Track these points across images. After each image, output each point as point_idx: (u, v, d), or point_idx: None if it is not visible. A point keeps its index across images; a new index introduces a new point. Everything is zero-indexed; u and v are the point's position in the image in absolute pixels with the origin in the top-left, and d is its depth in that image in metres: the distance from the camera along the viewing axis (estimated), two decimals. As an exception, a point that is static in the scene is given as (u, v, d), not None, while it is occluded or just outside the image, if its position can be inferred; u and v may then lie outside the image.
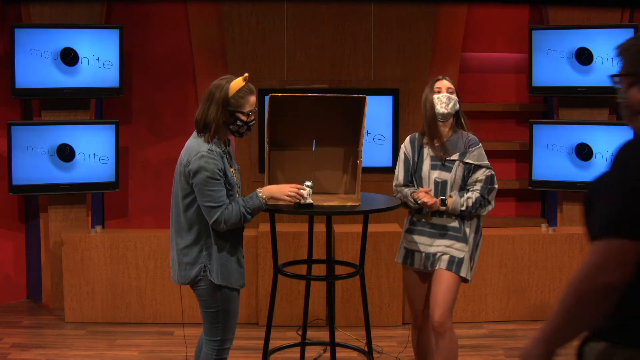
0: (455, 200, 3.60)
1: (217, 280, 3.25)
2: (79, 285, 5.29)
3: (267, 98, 5.57)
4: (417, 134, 3.78)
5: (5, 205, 5.69)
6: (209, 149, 3.20)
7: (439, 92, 3.67)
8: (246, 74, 3.29)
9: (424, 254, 3.68)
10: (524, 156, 5.93)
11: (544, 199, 6.13)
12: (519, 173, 6.11)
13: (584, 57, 5.54)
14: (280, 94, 3.65)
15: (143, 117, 5.92)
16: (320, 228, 4.35)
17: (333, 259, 3.90)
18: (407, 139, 3.79)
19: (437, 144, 3.68)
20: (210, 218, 3.21)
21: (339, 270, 4.04)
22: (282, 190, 3.39)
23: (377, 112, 4.25)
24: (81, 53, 5.42)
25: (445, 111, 3.65)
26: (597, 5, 5.63)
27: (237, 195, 3.35)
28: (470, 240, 3.66)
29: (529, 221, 5.96)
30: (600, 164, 5.58)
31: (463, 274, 3.62)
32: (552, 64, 5.62)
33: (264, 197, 3.32)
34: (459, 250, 3.63)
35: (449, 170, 3.65)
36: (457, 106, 3.70)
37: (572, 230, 5.46)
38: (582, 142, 5.59)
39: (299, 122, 3.78)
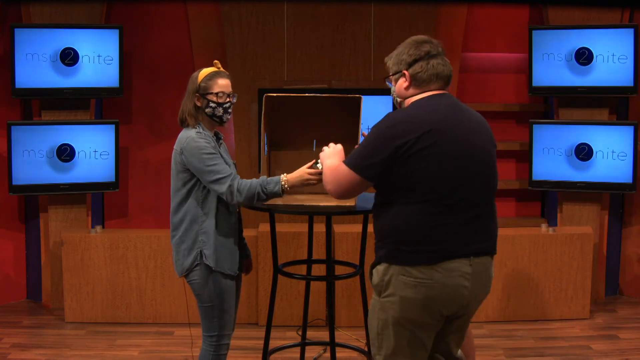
0: None
1: (212, 264, 3.28)
2: (79, 285, 5.29)
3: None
4: None
5: (5, 205, 5.69)
6: (197, 132, 3.29)
7: None
8: (216, 61, 3.42)
9: None
10: (524, 156, 5.93)
11: (544, 199, 6.13)
12: (519, 173, 6.11)
13: (583, 57, 5.54)
14: (275, 94, 3.64)
15: (143, 117, 5.93)
16: (320, 228, 4.35)
17: (333, 259, 3.91)
18: None
19: None
20: (222, 189, 3.20)
21: (339, 270, 4.04)
22: (302, 178, 3.27)
23: (378, 112, 4.26)
24: (81, 53, 5.42)
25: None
26: (597, 5, 5.63)
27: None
28: None
29: (529, 221, 5.96)
30: (601, 163, 5.58)
31: None
32: (552, 64, 5.62)
33: (287, 186, 3.25)
34: None
35: None
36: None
37: (572, 230, 5.46)
38: (582, 142, 5.59)
39: (297, 122, 3.78)
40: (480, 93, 6.08)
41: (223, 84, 3.36)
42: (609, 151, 5.55)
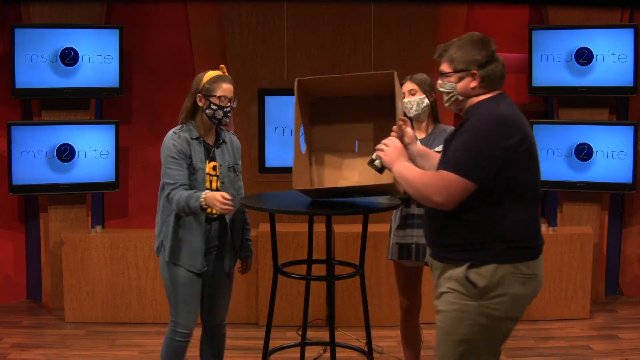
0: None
1: (165, 257, 3.50)
2: (79, 285, 5.29)
3: (267, 99, 5.60)
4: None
5: (5, 205, 5.69)
6: (173, 132, 3.50)
7: (405, 97, 3.81)
8: (222, 65, 3.61)
9: (421, 246, 3.76)
10: (524, 156, 5.92)
11: (544, 199, 6.13)
12: (519, 173, 6.11)
13: (583, 57, 5.54)
14: (307, 78, 3.55)
15: (143, 117, 5.92)
16: (320, 228, 4.34)
17: (333, 259, 3.90)
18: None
19: (420, 137, 3.80)
20: (163, 194, 3.46)
21: (339, 270, 4.04)
22: (214, 201, 3.31)
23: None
24: (81, 53, 5.42)
25: (413, 115, 3.79)
26: (597, 5, 5.63)
27: (204, 183, 3.49)
28: None
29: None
30: (601, 163, 5.58)
31: None
32: (552, 64, 5.62)
33: (204, 203, 3.33)
34: None
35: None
36: (425, 103, 3.80)
37: (572, 230, 5.46)
38: (582, 142, 5.59)
39: (333, 115, 3.70)
40: (480, 93, 6.07)
41: (226, 88, 3.52)
42: (609, 151, 5.55)
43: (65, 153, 5.44)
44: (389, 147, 2.91)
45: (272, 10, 5.58)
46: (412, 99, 3.79)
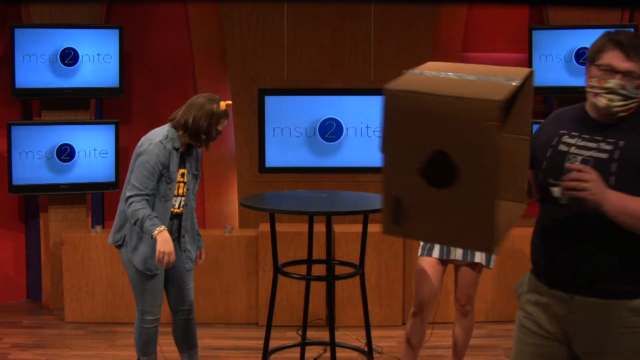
0: None
1: (126, 254, 3.71)
2: (79, 285, 5.29)
3: (267, 99, 5.61)
4: None
5: (5, 205, 5.69)
6: (160, 141, 3.61)
7: None
8: (229, 102, 3.81)
9: (438, 245, 3.80)
10: (524, 156, 5.92)
11: (544, 199, 6.13)
12: (519, 173, 6.11)
13: (583, 57, 5.54)
14: (399, 89, 2.21)
15: (143, 117, 5.92)
16: (320, 228, 4.35)
17: (333, 259, 3.91)
18: None
19: None
20: (126, 194, 3.59)
21: (339, 270, 4.05)
22: (162, 248, 3.46)
23: (377, 112, 4.28)
24: (81, 53, 5.42)
25: None
26: (597, 5, 5.62)
27: (178, 193, 3.70)
28: None
29: (529, 221, 5.94)
30: (600, 164, 5.58)
31: (478, 259, 3.79)
32: (552, 64, 5.62)
33: (155, 234, 3.48)
34: None
35: None
36: None
37: (572, 230, 5.45)
38: (582, 142, 5.58)
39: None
40: (480, 93, 6.07)
41: (225, 124, 3.75)
42: (609, 151, 5.55)
43: (65, 153, 5.44)
44: (591, 182, 2.26)
45: (272, 10, 5.58)
46: None
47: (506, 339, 4.97)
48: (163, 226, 3.52)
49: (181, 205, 3.75)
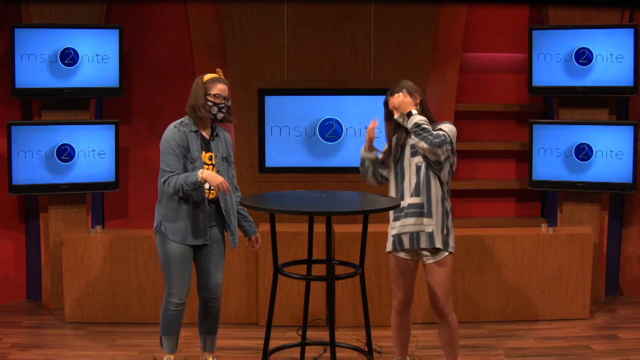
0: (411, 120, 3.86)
1: (162, 233, 4.00)
2: (79, 285, 5.29)
3: (267, 99, 5.63)
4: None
5: (5, 205, 5.69)
6: (174, 125, 4.01)
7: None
8: (218, 69, 4.11)
9: (408, 234, 3.91)
10: (524, 156, 5.93)
11: (544, 199, 6.13)
12: (519, 173, 6.12)
13: (583, 57, 5.54)
14: None
15: (143, 117, 5.93)
16: (320, 228, 4.35)
17: (333, 259, 3.91)
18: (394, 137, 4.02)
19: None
20: (160, 179, 3.95)
21: (339, 270, 4.05)
22: (216, 180, 3.84)
23: (377, 112, 4.29)
24: (81, 53, 5.42)
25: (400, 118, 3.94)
26: (597, 5, 5.63)
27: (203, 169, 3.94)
28: (437, 212, 3.88)
29: (529, 221, 5.96)
30: (600, 163, 5.58)
31: (438, 245, 3.87)
32: (552, 64, 5.62)
33: (201, 177, 3.84)
34: (427, 225, 3.88)
35: None
36: (406, 112, 3.92)
37: (572, 230, 5.46)
38: (582, 142, 5.59)
39: None
40: (480, 93, 6.08)
41: (221, 87, 4.03)
42: (609, 151, 5.55)
43: (65, 153, 5.44)
44: None
45: (272, 10, 5.58)
46: (398, 113, 3.94)
47: (506, 339, 4.97)
48: (200, 169, 3.89)
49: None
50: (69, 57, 5.39)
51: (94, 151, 5.51)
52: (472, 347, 4.81)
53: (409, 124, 3.86)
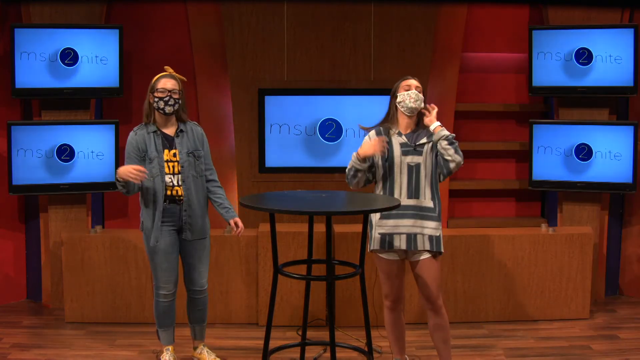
0: (443, 129, 3.89)
1: (142, 229, 4.27)
2: (79, 285, 5.29)
3: (267, 99, 5.63)
4: (380, 127, 4.02)
5: (5, 205, 5.69)
6: (133, 130, 4.23)
7: (408, 89, 3.95)
8: (166, 67, 4.27)
9: (404, 235, 3.90)
10: (524, 156, 5.93)
11: (544, 199, 6.13)
12: (519, 173, 6.12)
13: (583, 57, 5.54)
14: None
15: (143, 117, 5.91)
16: (320, 228, 4.35)
17: (333, 259, 3.91)
18: (373, 131, 4.01)
19: (405, 133, 3.96)
20: None
21: (339, 270, 4.05)
22: (120, 172, 4.04)
23: (377, 112, 4.29)
24: (81, 53, 5.42)
25: (413, 106, 3.93)
26: (597, 5, 5.63)
27: (163, 169, 4.15)
28: (441, 217, 3.98)
29: (529, 221, 5.96)
30: (600, 163, 5.58)
31: (442, 249, 3.97)
32: (552, 63, 5.62)
33: (118, 177, 4.07)
34: (435, 229, 3.92)
35: (420, 153, 3.92)
36: (423, 104, 3.98)
37: (572, 230, 5.46)
38: (582, 142, 5.59)
39: None
40: (480, 93, 6.08)
41: (164, 81, 4.16)
42: (609, 151, 5.55)
43: (65, 153, 5.44)
44: None
45: (272, 10, 5.58)
46: (417, 92, 3.96)
47: (506, 339, 4.97)
48: (159, 166, 4.15)
49: (179, 182, 4.18)
50: (68, 57, 5.39)
51: (93, 151, 5.51)
52: (472, 347, 4.81)
53: (442, 133, 3.86)
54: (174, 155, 4.19)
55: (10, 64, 5.31)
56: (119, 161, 5.59)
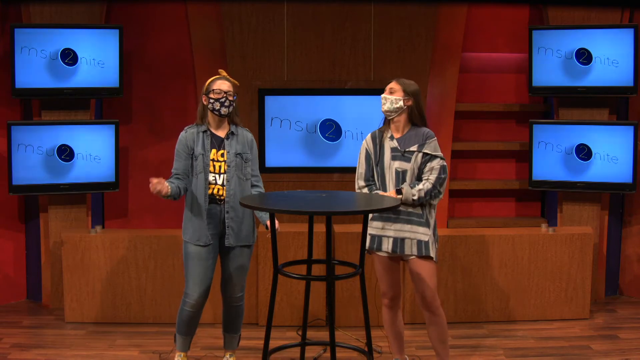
0: (407, 190, 3.89)
1: (183, 231, 4.16)
2: (79, 285, 5.29)
3: (267, 98, 5.63)
4: (377, 130, 4.09)
5: (5, 205, 5.69)
6: (184, 129, 4.17)
7: (386, 93, 4.02)
8: (220, 70, 4.23)
9: (391, 239, 3.98)
10: (524, 156, 5.93)
11: (544, 199, 6.13)
12: (519, 173, 6.12)
13: (583, 57, 5.54)
14: None
15: (143, 117, 5.93)
16: (320, 228, 4.35)
17: (333, 259, 3.91)
18: (368, 136, 4.10)
19: (397, 137, 4.01)
20: None
21: (339, 270, 4.05)
22: (152, 189, 3.95)
23: (377, 112, 4.29)
24: (81, 53, 5.42)
25: (383, 109, 4.00)
26: (597, 5, 5.63)
27: (207, 167, 4.11)
28: (431, 223, 3.98)
29: (529, 221, 5.96)
30: (600, 163, 5.58)
31: (432, 254, 3.96)
32: (552, 64, 5.62)
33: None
34: (423, 234, 3.94)
35: (408, 160, 3.96)
36: (398, 104, 3.97)
37: (572, 230, 5.46)
38: (582, 142, 5.59)
39: None
40: (481, 93, 6.08)
41: (220, 83, 4.12)
42: (609, 151, 5.55)
43: (65, 153, 5.44)
44: None
45: (272, 10, 5.59)
46: (388, 96, 3.99)
47: (506, 339, 4.97)
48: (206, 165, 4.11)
49: (223, 182, 4.12)
50: (69, 57, 5.39)
51: (93, 151, 5.51)
52: (472, 347, 4.81)
53: (408, 200, 3.89)
54: (222, 155, 4.15)
55: (10, 64, 5.31)
56: (119, 161, 5.60)
